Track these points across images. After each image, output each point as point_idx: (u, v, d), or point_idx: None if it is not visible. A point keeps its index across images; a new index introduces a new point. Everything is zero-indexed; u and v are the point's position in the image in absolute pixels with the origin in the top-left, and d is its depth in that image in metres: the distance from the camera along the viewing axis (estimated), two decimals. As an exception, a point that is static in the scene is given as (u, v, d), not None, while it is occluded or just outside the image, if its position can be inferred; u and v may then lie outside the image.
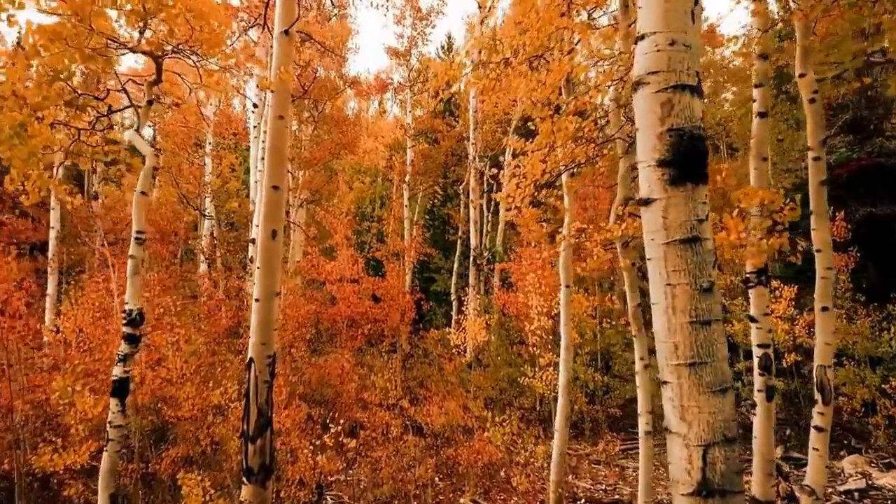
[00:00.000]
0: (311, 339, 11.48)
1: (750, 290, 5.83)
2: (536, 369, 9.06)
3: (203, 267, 16.78)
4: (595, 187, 13.28)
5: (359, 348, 12.71)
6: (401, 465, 8.44)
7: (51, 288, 13.54)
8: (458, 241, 18.71)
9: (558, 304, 9.23)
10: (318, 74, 14.42)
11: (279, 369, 8.06)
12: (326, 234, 14.46)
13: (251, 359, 5.60)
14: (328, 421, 9.90)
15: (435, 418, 9.57)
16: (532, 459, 8.16)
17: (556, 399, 9.40)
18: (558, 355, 9.34)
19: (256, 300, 5.54)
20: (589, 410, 11.10)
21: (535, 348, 9.19)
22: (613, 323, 10.71)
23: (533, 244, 11.25)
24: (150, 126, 25.55)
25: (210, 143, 18.28)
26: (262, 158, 14.35)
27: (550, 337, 9.25)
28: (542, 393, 9.14)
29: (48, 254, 14.16)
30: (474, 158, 16.80)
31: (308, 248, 12.56)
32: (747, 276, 5.93)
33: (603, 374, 12.44)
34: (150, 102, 5.38)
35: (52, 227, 14.35)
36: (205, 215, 14.88)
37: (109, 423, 4.74)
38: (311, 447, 6.81)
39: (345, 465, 7.95)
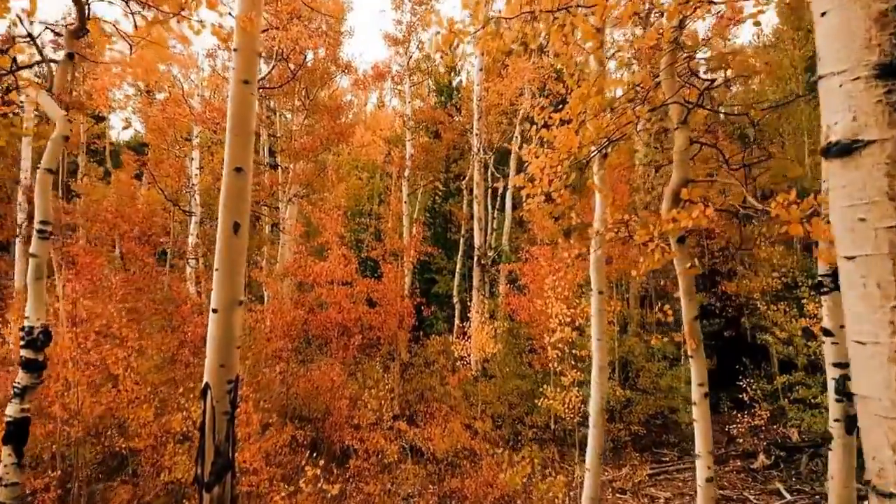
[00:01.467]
0: (297, 348, 10.26)
1: (824, 297, 4.70)
2: (557, 389, 7.83)
3: (189, 269, 15.62)
4: (612, 179, 12.03)
5: (354, 357, 11.50)
6: (397, 500, 7.22)
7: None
8: (461, 240, 17.50)
9: (582, 312, 8.03)
10: (307, 58, 13.19)
11: (249, 392, 6.83)
12: (317, 232, 13.25)
13: (207, 385, 4.43)
14: (313, 451, 8.71)
15: (437, 442, 8.35)
16: (552, 492, 6.93)
17: (581, 423, 8.16)
18: (582, 371, 8.13)
19: (214, 311, 4.37)
20: (609, 429, 9.86)
21: (555, 364, 7.95)
22: (636, 330, 9.47)
23: (547, 242, 10.06)
24: (140, 121, 24.38)
25: (197, 137, 17.12)
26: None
27: (573, 351, 8.02)
28: (564, 417, 7.89)
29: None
30: (478, 150, 15.56)
31: (297, 248, 11.36)
32: (820, 278, 4.80)
33: (622, 385, 11.22)
34: (69, 56, 4.15)
35: (19, 225, 13.17)
36: (185, 212, 13.66)
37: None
38: (287, 493, 5.58)
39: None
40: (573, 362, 8.15)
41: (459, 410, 10.16)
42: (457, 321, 14.58)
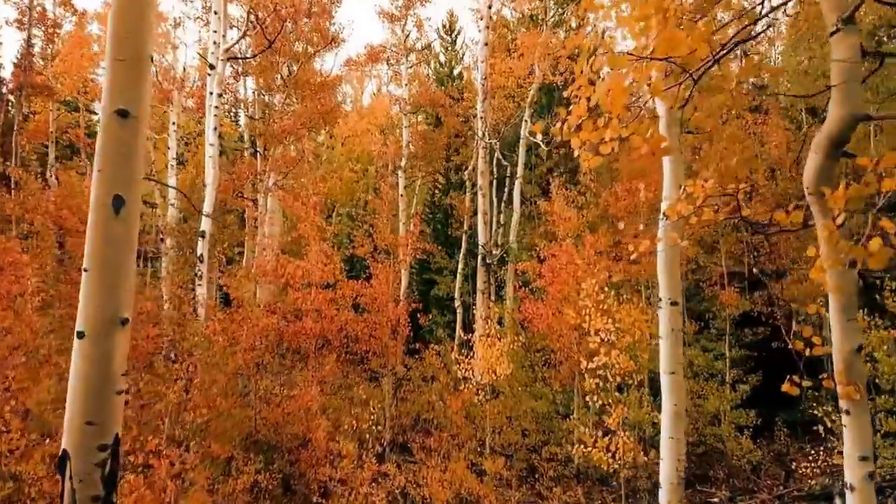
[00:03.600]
0: (267, 365, 8.49)
1: None
2: (599, 432, 6.02)
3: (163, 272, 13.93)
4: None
5: (342, 372, 9.73)
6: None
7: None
8: (464, 237, 15.73)
9: (633, 327, 6.21)
10: (285, 26, 11.43)
11: (164, 444, 5.02)
12: (293, 225, 11.46)
13: (65, 453, 2.58)
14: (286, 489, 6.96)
15: (435, 488, 6.55)
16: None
17: (625, 475, 6.30)
18: (624, 404, 6.25)
19: (80, 335, 2.57)
20: (646, 464, 8.02)
21: (594, 398, 6.12)
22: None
23: (569, 237, 8.27)
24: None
25: (174, 123, 15.45)
26: (215, 129, 11.41)
27: (617, 379, 6.19)
28: (610, 470, 6.04)
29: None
30: (483, 135, 13.76)
31: (268, 244, 9.59)
32: None
33: (654, 405, 9.40)
34: None
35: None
36: (146, 203, 11.87)
37: None
38: None
39: None
40: (620, 398, 6.29)
41: (463, 440, 8.37)
42: (458, 329, 12.81)
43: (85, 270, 2.76)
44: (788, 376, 3.06)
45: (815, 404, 8.20)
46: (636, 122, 2.66)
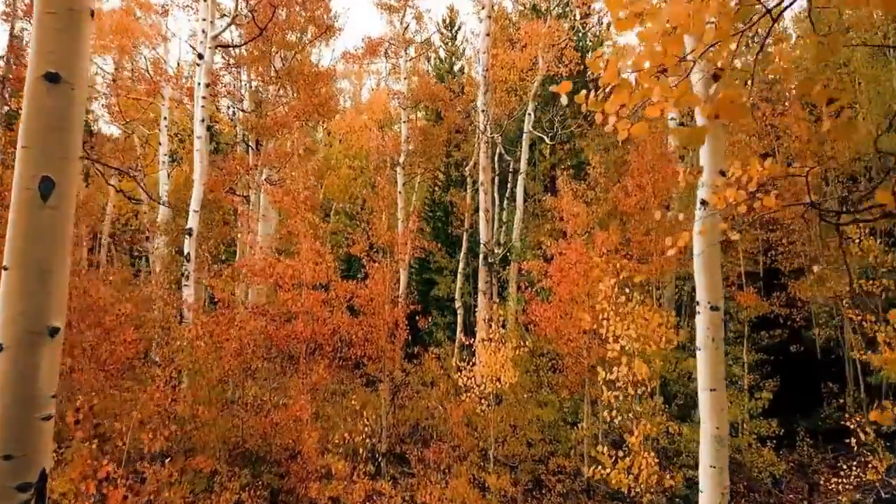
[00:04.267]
0: (253, 372, 7.94)
1: None
2: (620, 453, 5.43)
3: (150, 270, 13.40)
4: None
5: (338, 378, 9.19)
6: None
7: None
8: (465, 235, 15.17)
9: (652, 334, 5.63)
10: (277, 13, 10.87)
11: (121, 473, 4.44)
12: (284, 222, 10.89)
13: None
14: None
15: (435, 508, 5.99)
16: None
17: (648, 500, 5.69)
18: (645, 418, 5.67)
19: None
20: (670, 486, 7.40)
21: (611, 412, 5.53)
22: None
23: (579, 234, 7.71)
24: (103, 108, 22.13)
25: (165, 118, 14.93)
26: (203, 120, 10.90)
27: (637, 391, 5.60)
28: (632, 494, 5.44)
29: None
30: (485, 129, 13.19)
31: (250, 240, 9.04)
32: None
33: (668, 414, 8.82)
34: None
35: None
36: (131, 199, 11.30)
37: None
38: None
39: None
40: (642, 413, 5.70)
41: (464, 451, 7.82)
42: (459, 332, 12.25)
43: (5, 269, 2.23)
44: (878, 402, 2.52)
45: (843, 413, 7.63)
46: (684, 82, 2.12)
